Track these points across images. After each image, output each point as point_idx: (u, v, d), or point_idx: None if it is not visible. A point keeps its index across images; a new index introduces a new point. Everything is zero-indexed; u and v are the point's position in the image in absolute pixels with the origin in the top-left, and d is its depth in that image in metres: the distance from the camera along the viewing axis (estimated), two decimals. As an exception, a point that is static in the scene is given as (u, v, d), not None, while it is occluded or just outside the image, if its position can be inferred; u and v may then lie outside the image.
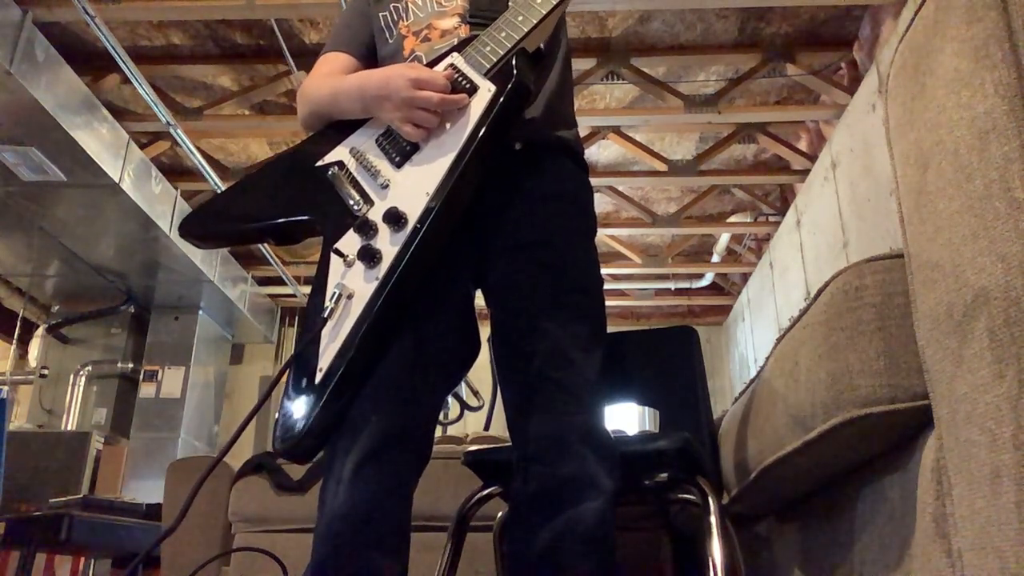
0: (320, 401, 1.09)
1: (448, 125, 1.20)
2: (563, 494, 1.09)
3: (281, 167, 1.34)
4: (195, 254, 5.45)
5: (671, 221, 5.77)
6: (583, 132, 4.97)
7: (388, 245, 1.15)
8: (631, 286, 6.96)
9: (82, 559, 4.09)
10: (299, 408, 1.10)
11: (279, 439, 1.10)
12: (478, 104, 1.19)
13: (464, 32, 1.30)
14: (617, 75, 4.46)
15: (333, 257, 1.18)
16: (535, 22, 1.20)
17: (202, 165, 4.78)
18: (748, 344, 6.40)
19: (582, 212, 1.31)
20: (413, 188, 1.18)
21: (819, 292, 1.00)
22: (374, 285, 1.13)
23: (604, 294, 1.27)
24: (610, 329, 1.28)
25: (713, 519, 1.22)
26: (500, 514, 1.55)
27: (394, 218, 1.15)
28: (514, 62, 1.19)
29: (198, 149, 4.77)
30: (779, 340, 1.16)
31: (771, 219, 5.70)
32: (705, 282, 6.85)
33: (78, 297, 6.05)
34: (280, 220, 1.28)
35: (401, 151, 1.22)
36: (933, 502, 0.80)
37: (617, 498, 1.12)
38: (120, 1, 3.77)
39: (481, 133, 1.17)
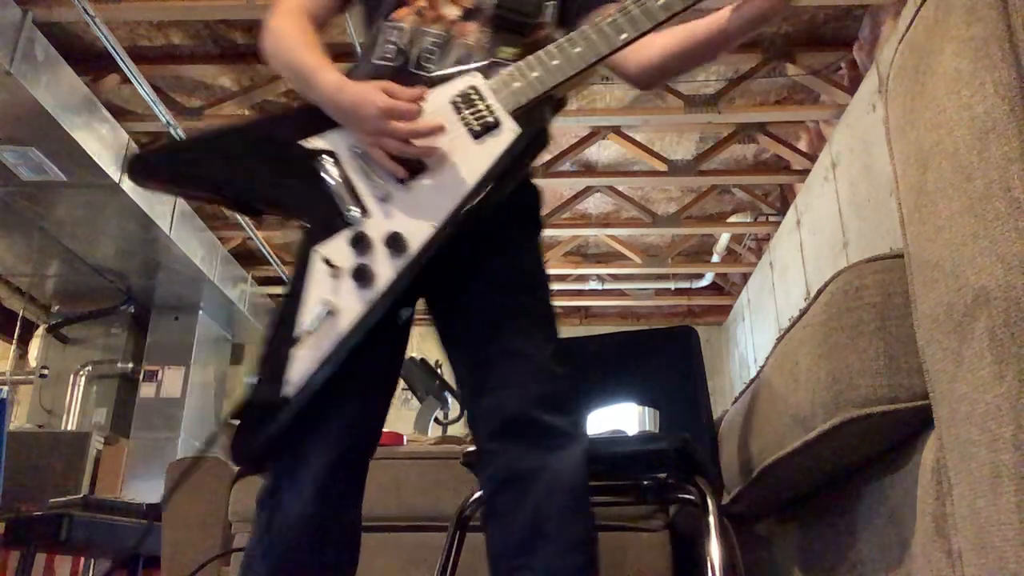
0: (287, 413, 1.06)
1: (460, 156, 1.12)
2: (530, 471, 1.07)
3: (259, 132, 1.23)
4: (195, 254, 5.45)
5: (671, 221, 5.76)
6: (583, 132, 4.97)
7: (385, 268, 1.09)
8: (631, 286, 6.96)
9: (82, 559, 4.08)
10: (261, 419, 1.07)
11: (240, 448, 1.07)
12: (499, 142, 1.11)
13: (459, 30, 1.20)
14: (617, 75, 4.46)
15: (318, 262, 1.11)
16: (571, 73, 1.13)
17: (202, 165, 4.78)
18: (748, 344, 6.40)
19: (529, 219, 1.28)
20: (418, 214, 1.11)
21: (819, 292, 1.00)
22: (365, 307, 1.08)
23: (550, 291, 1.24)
24: (610, 329, 1.29)
25: (712, 519, 1.22)
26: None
27: (395, 242, 1.09)
28: (544, 110, 1.13)
29: (198, 149, 4.77)
30: (779, 340, 1.16)
31: (771, 219, 5.70)
32: (705, 282, 6.85)
33: (78, 297, 6.05)
34: (252, 197, 1.19)
35: (408, 164, 1.12)
36: (933, 502, 0.80)
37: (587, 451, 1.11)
38: (120, 1, 3.77)
39: (498, 173, 1.10)
